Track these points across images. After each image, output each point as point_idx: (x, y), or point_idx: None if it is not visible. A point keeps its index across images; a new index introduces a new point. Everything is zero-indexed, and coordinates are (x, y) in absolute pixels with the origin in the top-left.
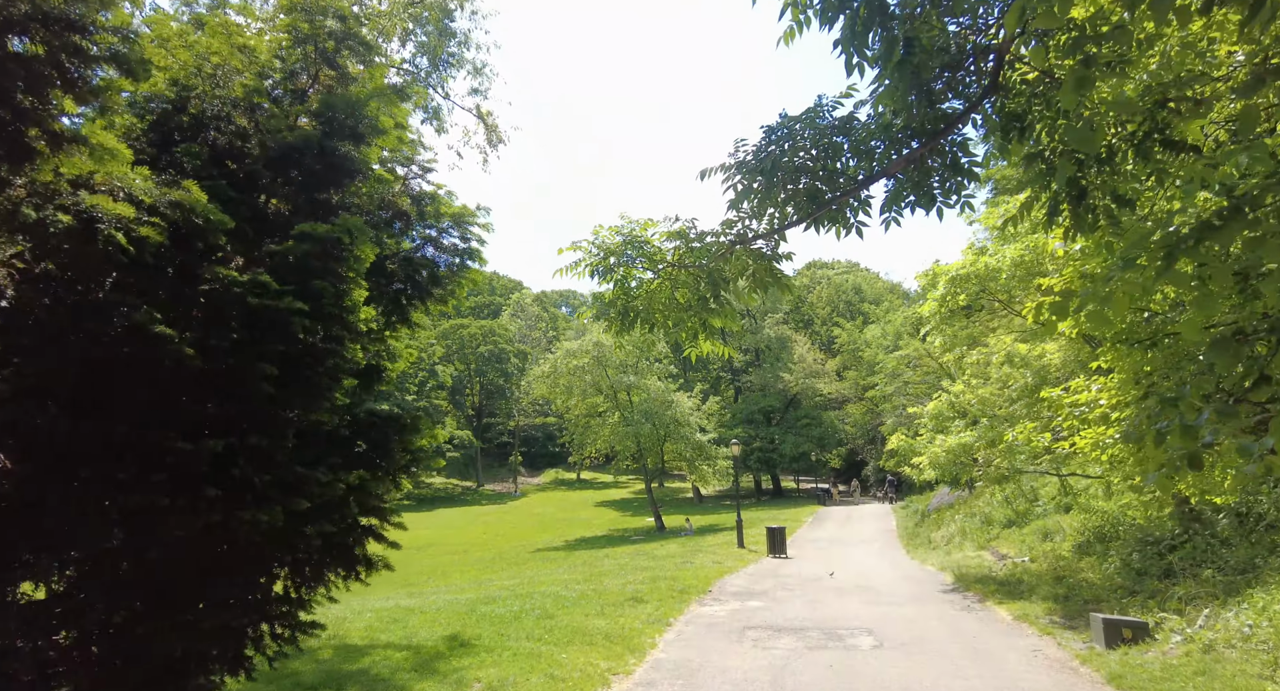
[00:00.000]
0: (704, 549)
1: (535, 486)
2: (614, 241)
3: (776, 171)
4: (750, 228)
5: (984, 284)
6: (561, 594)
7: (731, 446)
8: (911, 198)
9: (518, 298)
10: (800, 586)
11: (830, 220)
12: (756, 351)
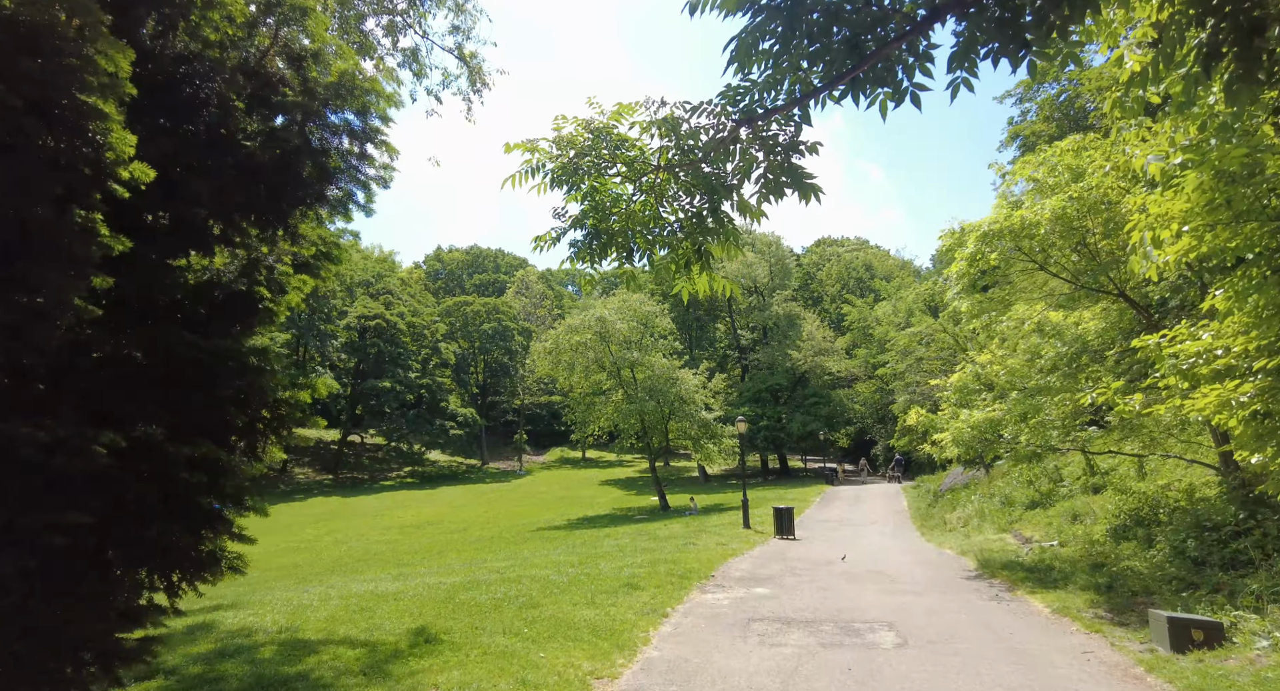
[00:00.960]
0: (708, 529)
1: (540, 465)
2: (581, 138)
3: (802, 12)
4: (761, 102)
5: (1018, 241)
6: (552, 578)
7: (737, 423)
8: (993, 44)
9: (522, 275)
10: (810, 571)
11: (875, 82)
12: (764, 329)
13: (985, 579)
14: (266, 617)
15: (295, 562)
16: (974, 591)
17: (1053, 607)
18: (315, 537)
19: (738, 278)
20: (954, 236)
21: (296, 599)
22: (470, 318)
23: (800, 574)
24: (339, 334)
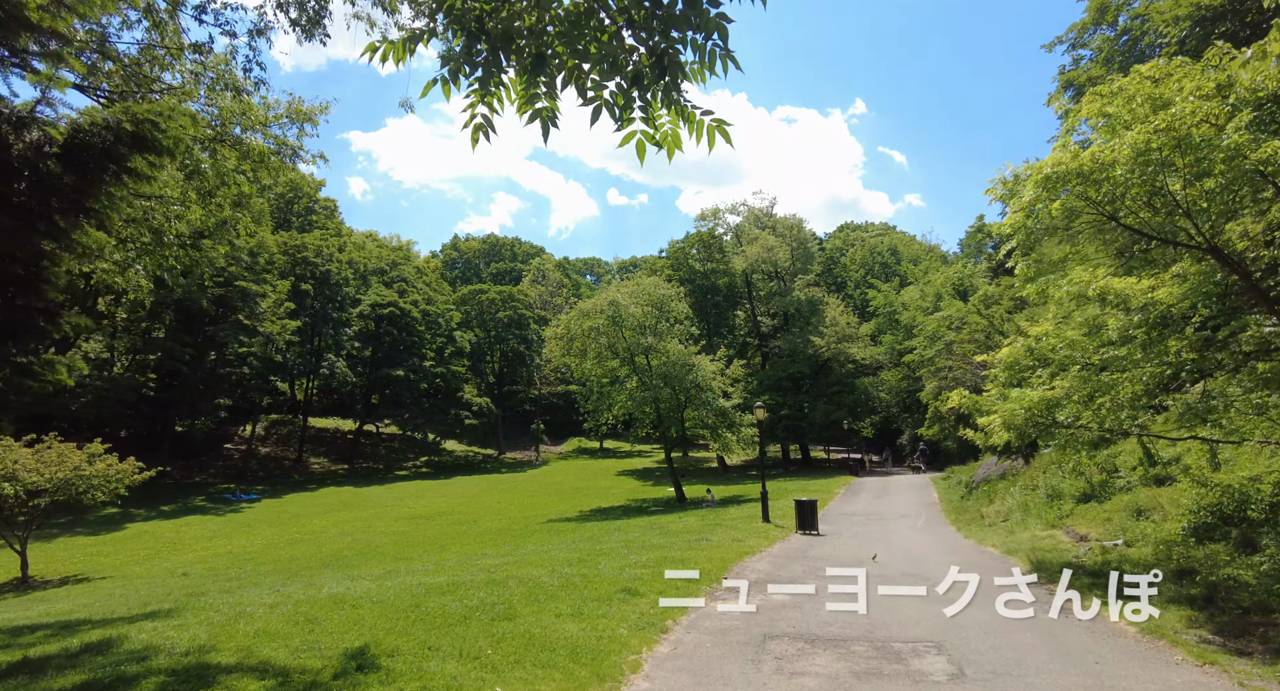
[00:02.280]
0: (724, 523)
1: (557, 455)
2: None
3: None
4: None
5: (1085, 187)
6: (542, 580)
7: (756, 410)
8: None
9: (538, 263)
10: (836, 571)
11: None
12: (785, 315)
13: (1045, 585)
14: (188, 632)
15: (293, 556)
16: (1035, 601)
17: (1139, 626)
18: (321, 529)
19: (758, 261)
20: (1006, 185)
21: (240, 605)
22: (486, 306)
23: (828, 575)
24: (353, 322)
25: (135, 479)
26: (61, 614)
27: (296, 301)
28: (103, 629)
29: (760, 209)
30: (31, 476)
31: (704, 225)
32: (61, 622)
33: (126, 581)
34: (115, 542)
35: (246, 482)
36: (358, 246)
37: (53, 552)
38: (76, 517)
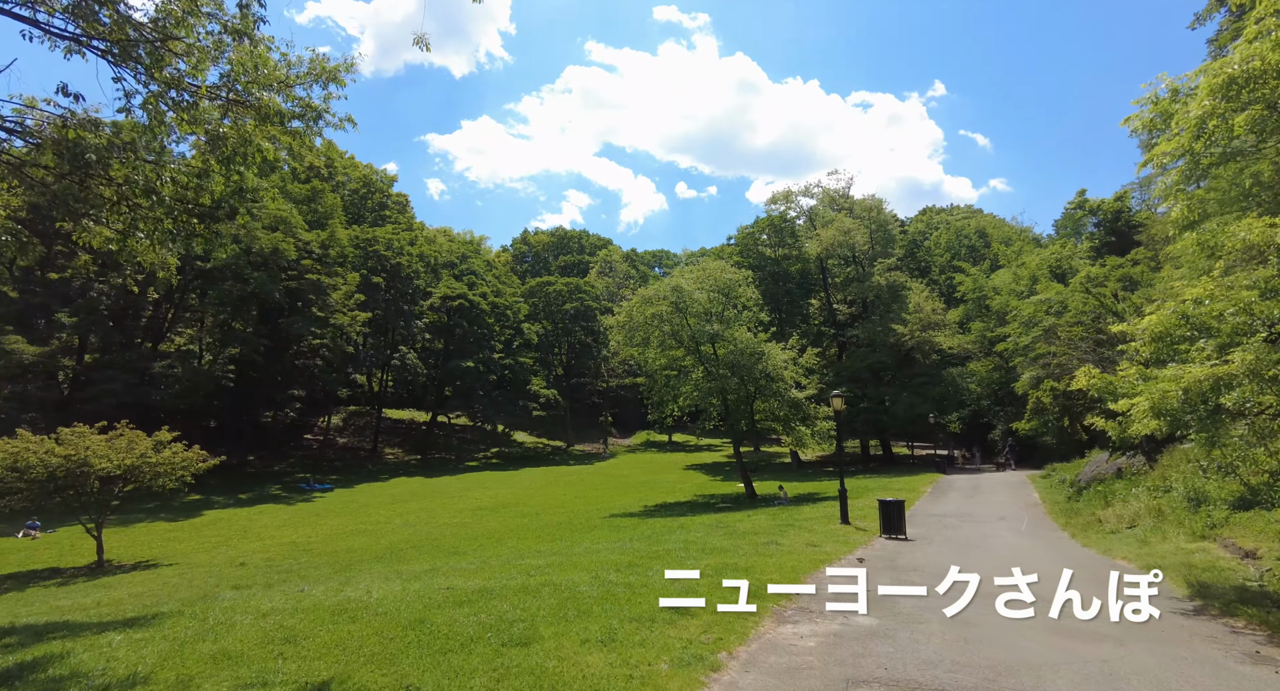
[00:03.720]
0: (798, 524)
1: (625, 447)
2: None
3: None
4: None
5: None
6: (581, 589)
7: (834, 399)
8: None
9: (605, 254)
10: (934, 588)
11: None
12: (864, 302)
13: (1214, 616)
14: (146, 649)
15: (350, 547)
16: (1209, 640)
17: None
18: (385, 519)
19: (834, 245)
20: (1158, 105)
21: (236, 611)
22: (552, 298)
23: (922, 594)
24: (425, 314)
25: (199, 467)
26: (74, 608)
27: (367, 294)
28: (67, 639)
29: (836, 190)
30: (102, 463)
31: (775, 209)
32: (43, 625)
33: (187, 569)
34: (191, 529)
35: (323, 472)
36: (428, 240)
37: (134, 537)
38: (161, 503)
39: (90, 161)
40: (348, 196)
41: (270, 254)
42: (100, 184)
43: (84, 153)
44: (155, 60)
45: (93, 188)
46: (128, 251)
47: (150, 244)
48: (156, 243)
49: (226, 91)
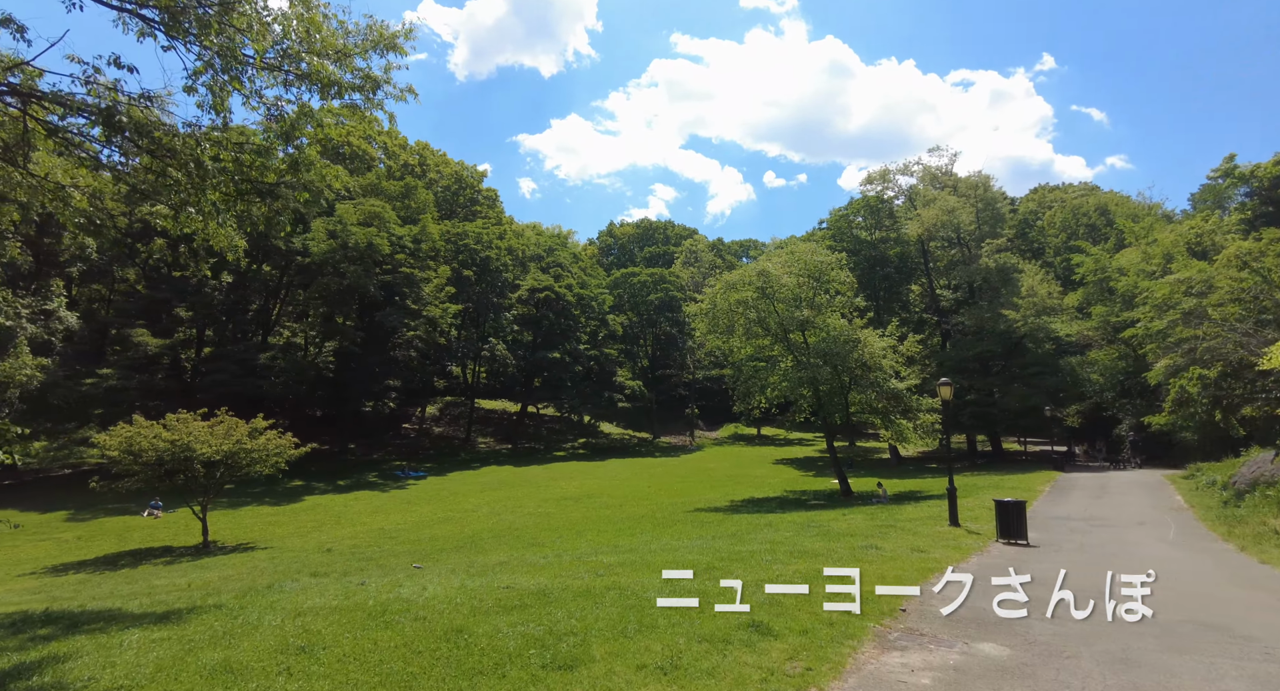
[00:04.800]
0: (899, 524)
1: (712, 440)
2: None
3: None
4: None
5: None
6: (648, 595)
7: (940, 388)
8: None
9: (690, 244)
10: (1073, 610)
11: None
12: (970, 286)
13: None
14: (148, 655)
15: (433, 536)
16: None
17: None
18: (474, 508)
19: (937, 226)
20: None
21: (270, 607)
22: (637, 289)
23: (1059, 615)
24: (514, 306)
25: (292, 453)
26: (153, 591)
27: (458, 287)
28: (93, 634)
29: (938, 167)
30: (203, 448)
31: (871, 189)
32: (90, 613)
33: (278, 553)
34: (291, 513)
35: (418, 460)
36: (516, 234)
37: (239, 519)
38: (266, 488)
39: (160, 141)
40: (440, 193)
41: (365, 248)
42: (172, 167)
43: (151, 131)
44: (203, 28)
45: (169, 172)
46: (198, 232)
47: (202, 220)
48: (209, 218)
49: (285, 62)
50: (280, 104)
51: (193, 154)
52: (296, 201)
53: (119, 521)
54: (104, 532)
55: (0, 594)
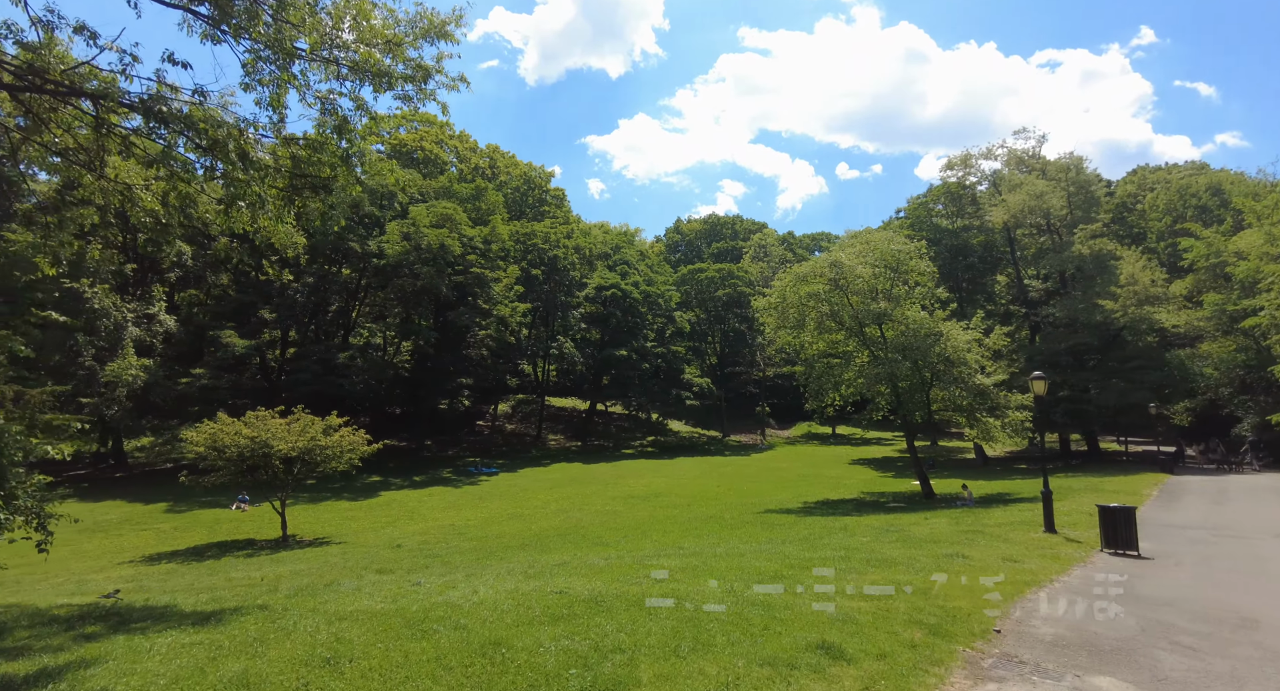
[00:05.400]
0: (987, 530)
1: (784, 439)
2: None
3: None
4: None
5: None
6: (707, 608)
7: (1033, 382)
8: None
9: (758, 238)
10: (1209, 639)
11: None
12: (1061, 275)
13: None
14: (171, 663)
15: (500, 533)
16: None
17: None
18: (542, 504)
19: (1024, 212)
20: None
21: (305, 612)
22: (704, 285)
23: (1190, 646)
24: (582, 305)
25: (365, 450)
26: (217, 586)
27: (526, 286)
28: (132, 634)
29: (1024, 150)
30: (280, 445)
31: (951, 175)
32: (140, 609)
33: (350, 548)
34: (367, 509)
35: (491, 457)
36: (584, 233)
37: (318, 514)
38: (346, 484)
39: (205, 132)
40: (509, 194)
41: (437, 250)
42: (219, 158)
43: (195, 123)
44: (251, 19)
45: (229, 172)
46: (260, 230)
47: (250, 214)
48: (256, 209)
49: (332, 50)
50: (333, 97)
51: (238, 145)
52: (349, 195)
53: (210, 514)
54: (197, 524)
55: (99, 581)
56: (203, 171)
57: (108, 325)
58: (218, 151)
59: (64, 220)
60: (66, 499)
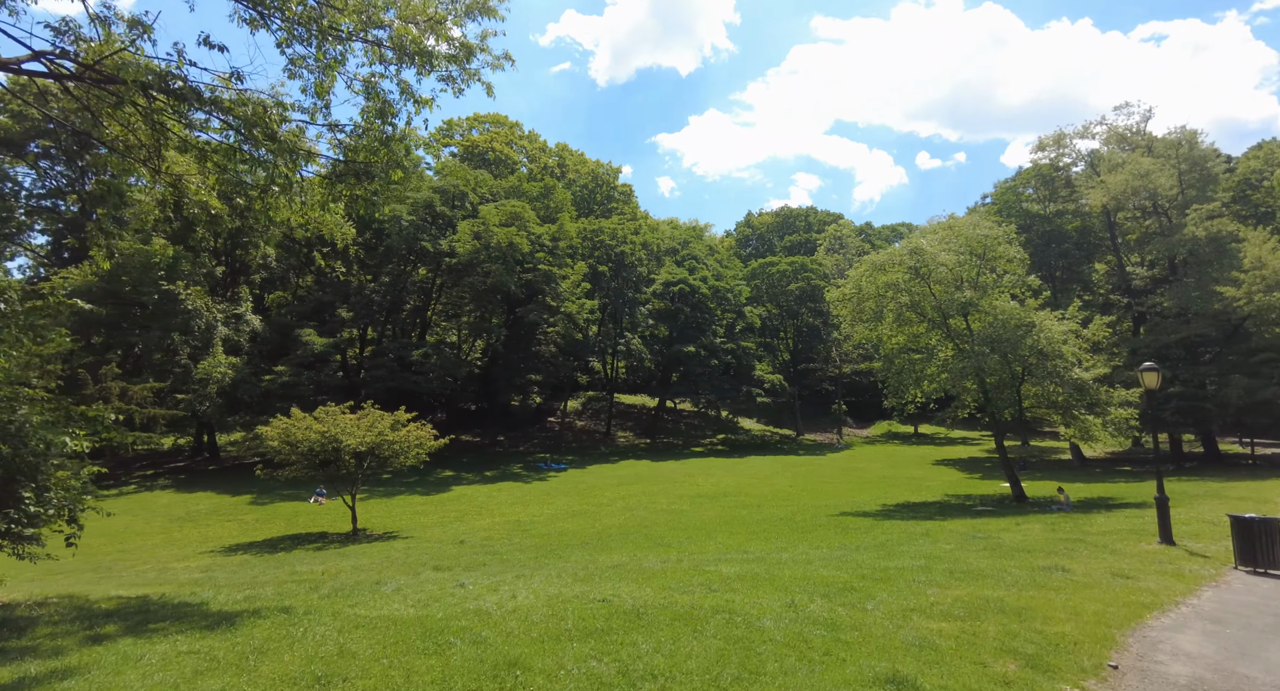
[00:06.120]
0: (1090, 539)
1: (863, 439)
2: None
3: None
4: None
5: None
6: (763, 624)
7: (1143, 373)
8: None
9: (834, 230)
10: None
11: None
12: (1170, 261)
13: None
14: (152, 678)
15: (562, 530)
16: None
17: None
18: (608, 502)
19: (1127, 193)
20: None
21: (321, 621)
22: (776, 279)
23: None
24: (650, 301)
25: (431, 445)
26: (271, 581)
27: (593, 282)
28: (141, 637)
29: (1127, 127)
30: (349, 440)
31: (1043, 157)
32: (173, 607)
33: (416, 543)
34: (438, 503)
35: (561, 453)
36: (651, 228)
37: (391, 508)
38: (420, 478)
39: (246, 119)
40: (578, 191)
41: (506, 248)
42: (251, 140)
43: (221, 102)
44: None
45: (277, 165)
46: (310, 222)
47: (287, 199)
48: (293, 197)
49: (368, 29)
50: (375, 79)
51: (263, 123)
52: (391, 178)
53: (290, 506)
54: (277, 516)
55: (179, 570)
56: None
57: (200, 325)
58: (246, 132)
59: (121, 219)
60: (164, 489)
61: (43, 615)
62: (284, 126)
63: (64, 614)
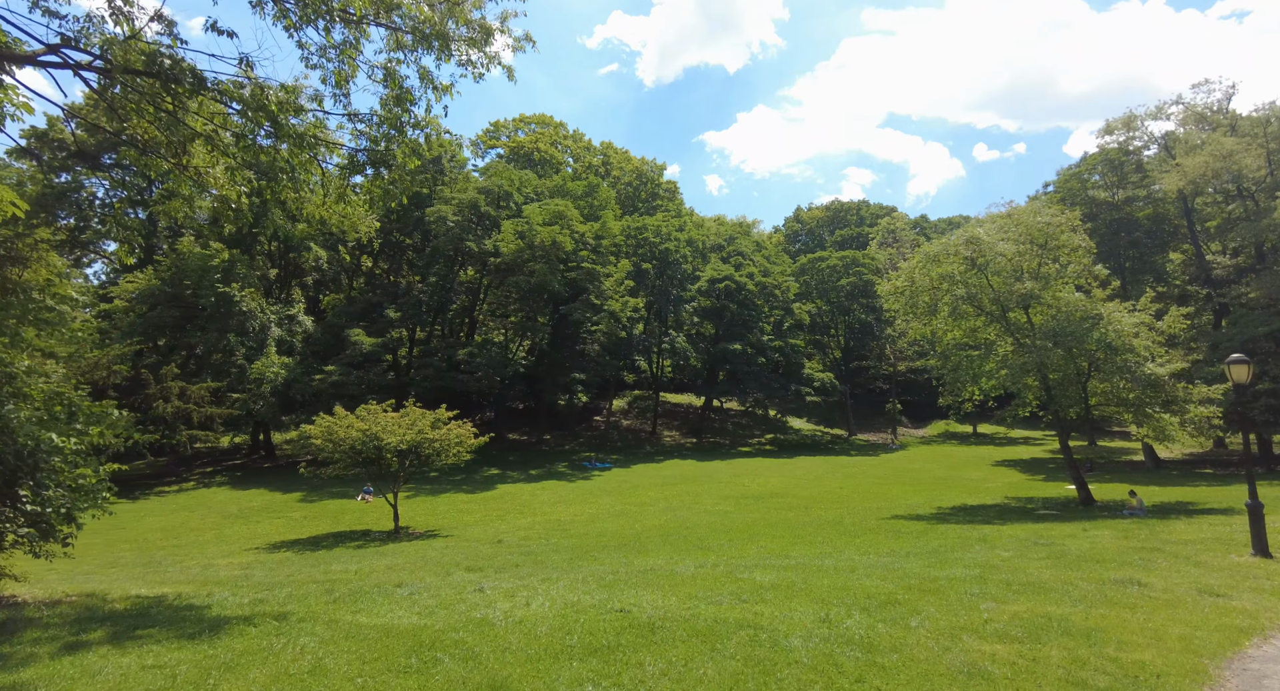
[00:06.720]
0: (1168, 549)
1: (918, 439)
2: None
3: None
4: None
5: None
6: (790, 644)
7: (1231, 366)
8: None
9: (886, 223)
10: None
11: None
12: (1258, 249)
13: None
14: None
15: (601, 531)
16: None
17: None
18: (651, 501)
19: (1206, 176)
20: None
21: (314, 630)
22: (825, 274)
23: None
24: (695, 298)
25: (472, 443)
26: (297, 581)
27: (637, 280)
28: (120, 644)
29: (1206, 105)
30: (390, 438)
31: (1110, 141)
32: (182, 608)
33: (455, 542)
34: (481, 501)
35: (606, 452)
36: (696, 225)
37: (435, 505)
38: (466, 476)
39: (247, 102)
40: (622, 189)
41: (550, 246)
42: (294, 146)
43: (219, 86)
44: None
45: (295, 154)
46: (332, 216)
47: (295, 189)
48: (296, 181)
49: (379, 12)
50: (393, 66)
51: (264, 107)
52: (407, 167)
53: (337, 504)
54: (324, 514)
55: (224, 567)
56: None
57: (255, 326)
58: (249, 117)
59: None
60: (221, 486)
61: (45, 616)
62: (304, 118)
63: (67, 616)
